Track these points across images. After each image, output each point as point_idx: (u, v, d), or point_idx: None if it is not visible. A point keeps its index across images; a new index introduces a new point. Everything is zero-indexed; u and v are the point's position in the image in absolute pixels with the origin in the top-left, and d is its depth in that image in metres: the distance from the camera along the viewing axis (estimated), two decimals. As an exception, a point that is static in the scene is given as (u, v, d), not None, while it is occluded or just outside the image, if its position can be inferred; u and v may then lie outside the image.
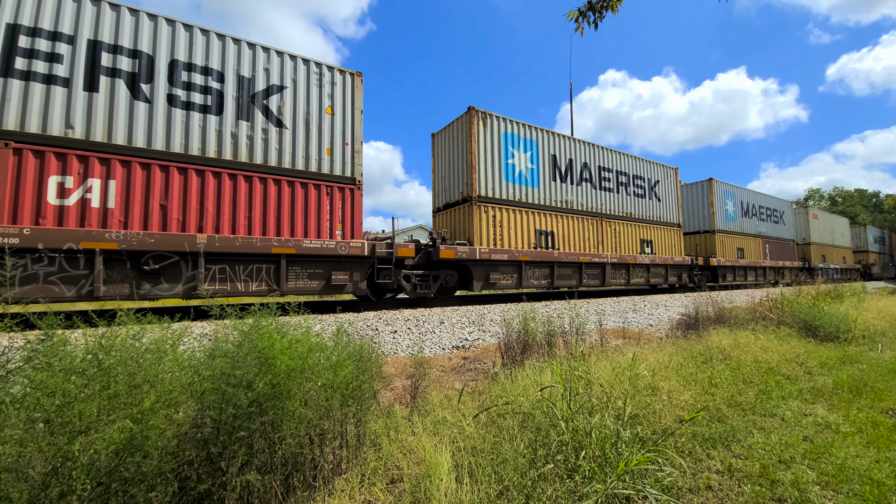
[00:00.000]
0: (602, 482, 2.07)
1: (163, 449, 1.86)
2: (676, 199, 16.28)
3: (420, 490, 2.13)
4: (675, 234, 15.78)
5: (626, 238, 13.72)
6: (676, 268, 15.23)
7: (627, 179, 14.26)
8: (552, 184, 11.90)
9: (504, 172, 10.79)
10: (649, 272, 13.98)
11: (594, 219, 12.85)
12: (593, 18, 3.89)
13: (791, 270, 22.31)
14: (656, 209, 15.18)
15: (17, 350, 1.87)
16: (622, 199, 13.94)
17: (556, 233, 11.72)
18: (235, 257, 6.86)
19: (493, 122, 10.74)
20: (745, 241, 19.31)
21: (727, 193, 18.91)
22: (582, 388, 2.90)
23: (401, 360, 5.10)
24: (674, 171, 16.50)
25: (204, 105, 6.86)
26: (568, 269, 11.75)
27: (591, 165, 13.08)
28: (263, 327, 2.33)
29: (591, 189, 12.96)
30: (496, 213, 10.48)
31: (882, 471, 2.55)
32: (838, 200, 64.93)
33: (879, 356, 5.59)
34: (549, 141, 12.11)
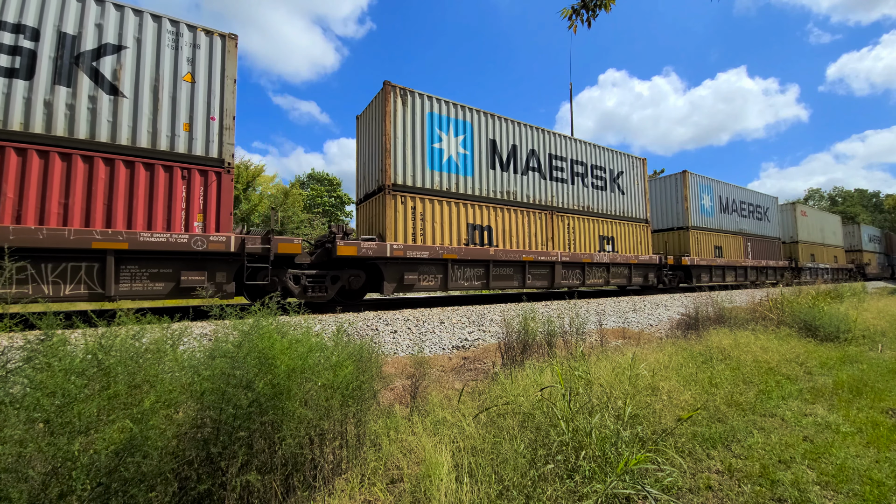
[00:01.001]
0: (602, 482, 2.07)
1: (163, 449, 1.86)
2: (643, 193, 14.72)
3: (420, 490, 2.13)
4: (641, 230, 14.31)
5: (583, 234, 12.34)
6: (642, 267, 13.78)
7: (584, 169, 12.73)
8: (490, 172, 10.43)
9: (429, 158, 9.34)
10: (609, 272, 12.56)
11: (543, 212, 11.38)
12: (587, 16, 3.90)
13: (776, 270, 21.03)
14: (619, 203, 13.67)
15: (17, 350, 1.87)
16: (578, 191, 12.43)
17: (495, 228, 10.29)
18: (41, 253, 5.57)
19: (414, 101, 9.27)
20: (724, 238, 18.02)
21: (703, 187, 17.58)
22: (582, 388, 2.90)
23: (401, 360, 5.10)
24: (641, 161, 14.98)
25: (10, 68, 5.63)
26: (508, 268, 10.27)
27: (539, 153, 11.57)
28: (263, 327, 2.33)
29: (539, 179, 11.44)
30: (417, 204, 9.04)
31: (882, 471, 2.55)
32: (838, 200, 64.96)
33: (879, 356, 5.59)
34: (487, 124, 10.60)
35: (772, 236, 21.56)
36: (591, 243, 12.59)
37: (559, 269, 11.28)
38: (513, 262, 10.41)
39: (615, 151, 14.03)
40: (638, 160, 14.93)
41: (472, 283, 9.71)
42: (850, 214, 53.17)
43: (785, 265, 21.38)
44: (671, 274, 15.23)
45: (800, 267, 22.63)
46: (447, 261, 9.25)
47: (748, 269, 18.92)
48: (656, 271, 14.42)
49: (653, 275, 14.20)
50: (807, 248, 24.28)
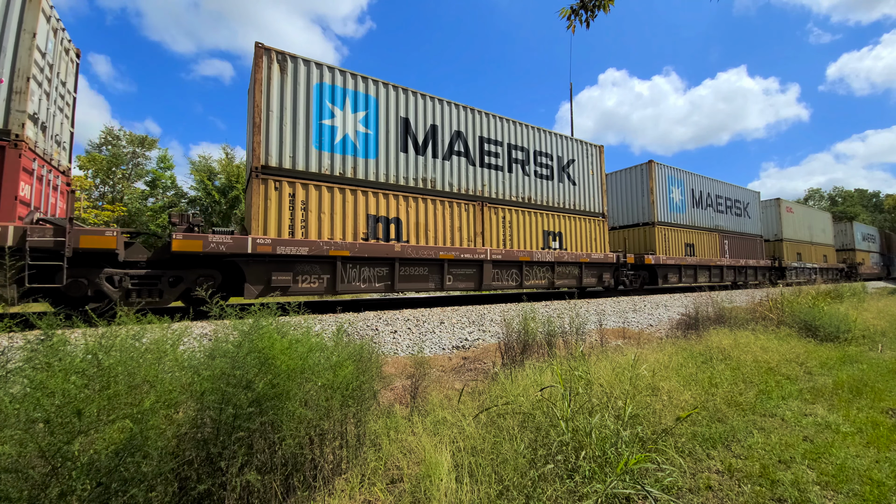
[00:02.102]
0: (602, 482, 2.07)
1: (163, 449, 1.86)
2: (599, 184, 13.12)
3: (420, 490, 2.13)
4: (596, 225, 12.78)
5: (523, 229, 10.85)
6: (596, 267, 12.35)
7: (526, 156, 11.17)
8: (401, 156, 8.92)
9: (315, 137, 7.87)
10: (554, 272, 11.15)
11: (471, 204, 9.90)
12: (585, 17, 3.89)
13: (757, 270, 19.49)
14: (569, 194, 12.11)
15: (17, 350, 1.87)
16: (517, 180, 10.89)
17: (406, 220, 8.82)
18: None
19: (297, 69, 7.82)
20: (697, 235, 16.52)
21: (672, 179, 15.86)
22: (582, 388, 2.90)
23: (401, 360, 5.10)
24: (597, 149, 13.31)
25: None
26: (420, 267, 8.85)
27: (468, 135, 10.09)
28: (263, 327, 2.33)
29: (466, 165, 9.98)
30: (297, 190, 7.59)
31: (882, 471, 2.55)
32: (838, 200, 64.96)
33: (879, 356, 5.59)
34: (398, 99, 9.05)
35: (753, 234, 20.09)
36: (534, 239, 11.06)
37: (489, 269, 9.83)
38: (427, 261, 8.93)
39: (565, 137, 12.42)
40: (593, 147, 13.28)
41: (371, 284, 8.25)
42: (850, 214, 53.15)
43: (767, 264, 20.03)
44: (633, 274, 13.79)
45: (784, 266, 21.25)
46: (335, 258, 7.72)
47: (724, 269, 17.47)
48: (613, 271, 12.94)
49: (609, 275, 12.73)
50: (792, 246, 22.90)
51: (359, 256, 8.04)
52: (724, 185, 18.88)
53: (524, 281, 10.56)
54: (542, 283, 11.06)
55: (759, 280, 19.52)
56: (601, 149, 13.52)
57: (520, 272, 10.53)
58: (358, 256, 8.02)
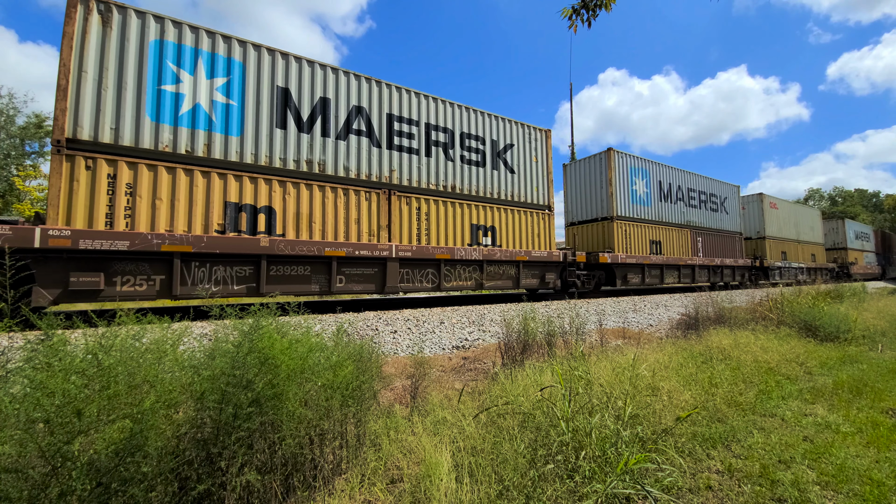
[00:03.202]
0: (602, 482, 2.07)
1: (162, 449, 1.86)
2: (545, 173, 11.63)
3: (420, 490, 2.13)
4: (540, 219, 11.36)
5: (444, 223, 9.45)
6: (537, 266, 10.96)
7: (449, 138, 9.78)
8: (278, 133, 7.53)
9: (152, 106, 6.48)
10: (483, 272, 9.79)
11: (374, 192, 8.51)
12: (587, 16, 3.89)
13: (736, 270, 18.11)
14: (506, 184, 10.70)
15: (17, 350, 1.87)
16: (437, 165, 9.52)
17: (283, 209, 7.43)
18: None
19: (129, 22, 6.42)
20: (665, 232, 15.09)
21: (636, 170, 14.51)
22: (582, 388, 2.90)
23: (401, 360, 5.10)
24: (541, 133, 11.76)
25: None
26: (299, 265, 7.43)
27: (371, 111, 8.69)
28: (263, 327, 2.33)
29: (369, 147, 8.58)
30: (121, 171, 6.17)
31: (882, 471, 2.55)
32: (838, 200, 64.99)
33: (879, 356, 5.59)
34: (274, 66, 7.62)
35: (731, 230, 18.70)
36: (458, 235, 9.69)
37: (394, 269, 8.37)
38: (308, 258, 7.50)
39: (501, 118, 10.94)
40: (537, 131, 11.67)
41: (228, 286, 6.81)
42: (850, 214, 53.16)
43: (747, 264, 18.60)
44: (586, 275, 12.37)
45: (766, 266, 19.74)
46: (172, 255, 6.30)
47: (697, 269, 16.03)
48: (559, 271, 11.49)
49: (554, 275, 11.26)
50: (777, 244, 21.42)
51: (207, 253, 6.54)
52: (698, 178, 17.51)
53: (443, 283, 9.09)
54: (468, 285, 9.64)
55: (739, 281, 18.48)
56: (548, 133, 11.93)
57: (437, 272, 9.09)
58: (206, 253, 6.53)
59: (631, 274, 13.52)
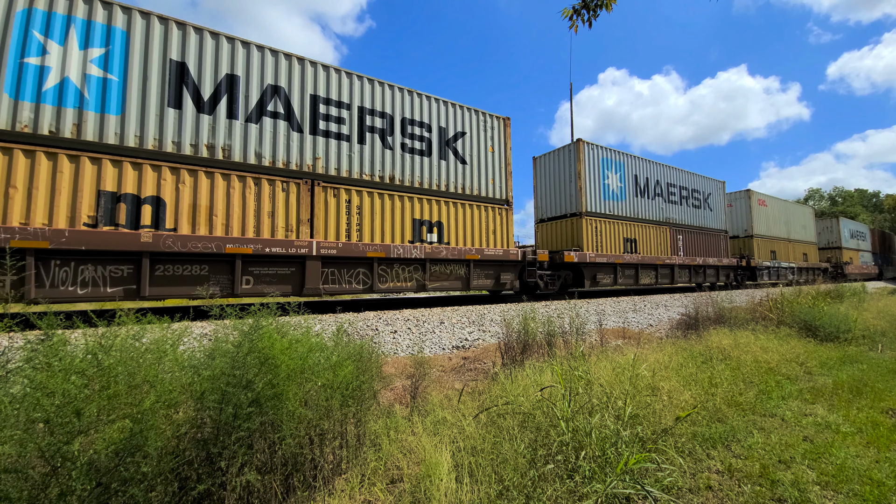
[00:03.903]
0: (602, 482, 2.07)
1: (162, 449, 1.86)
2: (502, 165, 10.70)
3: (420, 490, 2.13)
4: (496, 214, 10.45)
5: (381, 217, 8.55)
6: (491, 265, 10.04)
7: (388, 124, 8.87)
8: (170, 113, 6.59)
9: (11, 81, 5.67)
10: (426, 272, 8.86)
11: (295, 182, 7.61)
12: (587, 16, 3.89)
13: (720, 270, 17.16)
14: (456, 176, 9.80)
15: (17, 350, 1.87)
16: (373, 154, 8.58)
17: (175, 200, 6.51)
18: None
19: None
20: (642, 229, 14.20)
21: (608, 163, 13.59)
22: (582, 388, 2.90)
23: (401, 360, 5.10)
24: (499, 121, 10.80)
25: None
26: (194, 264, 6.54)
27: (291, 92, 7.75)
28: (263, 327, 2.33)
29: (288, 132, 7.63)
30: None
31: (882, 471, 2.55)
32: (838, 200, 65.03)
33: (879, 356, 5.59)
34: (167, 36, 6.67)
35: (715, 228, 17.73)
36: (398, 230, 8.77)
37: (314, 268, 7.45)
38: (205, 257, 6.60)
39: (450, 103, 9.91)
40: (493, 118, 10.72)
41: (100, 288, 5.92)
42: (850, 214, 53.16)
43: (732, 263, 17.69)
44: (549, 275, 11.47)
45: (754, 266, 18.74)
46: (25, 251, 5.41)
47: (676, 269, 15.01)
48: (517, 271, 10.59)
49: (510, 276, 10.39)
50: (765, 243, 20.38)
51: (71, 250, 5.66)
52: (679, 172, 16.49)
53: (377, 284, 8.25)
54: (408, 287, 8.74)
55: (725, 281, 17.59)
56: (506, 121, 10.91)
57: (370, 272, 8.20)
58: (69, 250, 5.65)
59: (601, 274, 12.63)
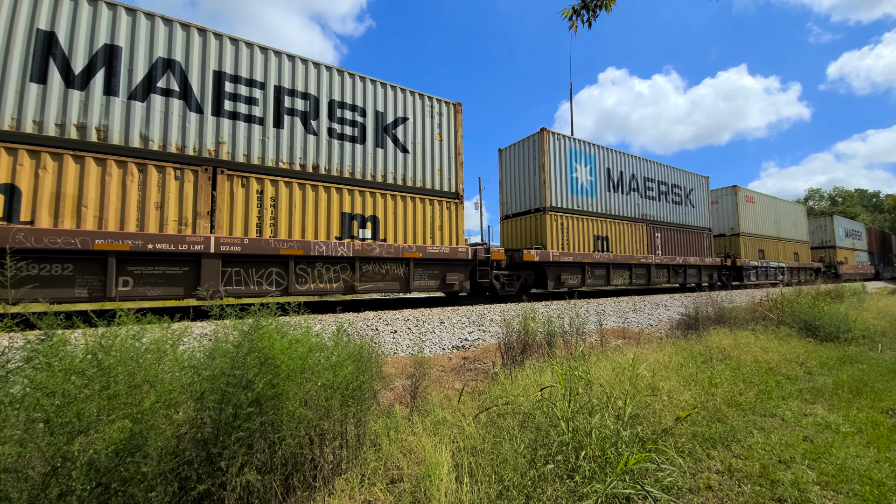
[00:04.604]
0: (602, 482, 2.07)
1: (162, 449, 1.86)
2: (453, 155, 9.68)
3: (420, 490, 2.13)
4: (444, 209, 9.44)
5: (302, 211, 7.53)
6: (436, 265, 8.98)
7: (312, 106, 7.84)
8: (30, 87, 5.66)
9: None
10: (356, 272, 7.80)
11: (190, 170, 6.57)
12: (587, 17, 3.89)
13: (702, 270, 16.19)
14: (396, 165, 8.79)
15: (17, 350, 1.87)
16: (292, 139, 7.57)
17: (34, 190, 5.56)
18: None
19: None
20: (615, 226, 13.30)
21: (577, 155, 12.60)
22: (582, 388, 2.90)
23: (401, 360, 5.10)
24: (450, 107, 9.82)
25: None
26: (57, 263, 5.61)
27: (189, 67, 6.75)
28: (263, 327, 2.33)
29: (184, 111, 6.62)
30: None
31: (882, 471, 2.55)
32: (838, 200, 65.05)
33: (879, 356, 5.59)
34: (34, 4, 5.78)
35: (697, 226, 16.76)
36: (322, 225, 7.76)
37: (212, 268, 6.44)
38: (65, 254, 5.62)
39: (388, 85, 8.87)
40: (442, 104, 9.67)
41: None
42: (850, 214, 53.16)
43: (716, 263, 16.76)
44: (507, 275, 10.53)
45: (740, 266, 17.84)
46: None
47: (653, 269, 14.03)
48: (468, 271, 9.50)
49: (459, 276, 9.26)
50: (753, 242, 19.43)
51: None
52: (658, 167, 15.49)
53: (294, 285, 7.21)
54: (334, 288, 7.66)
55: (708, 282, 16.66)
56: (457, 107, 9.90)
57: (285, 272, 7.17)
58: None
59: (567, 274, 11.68)
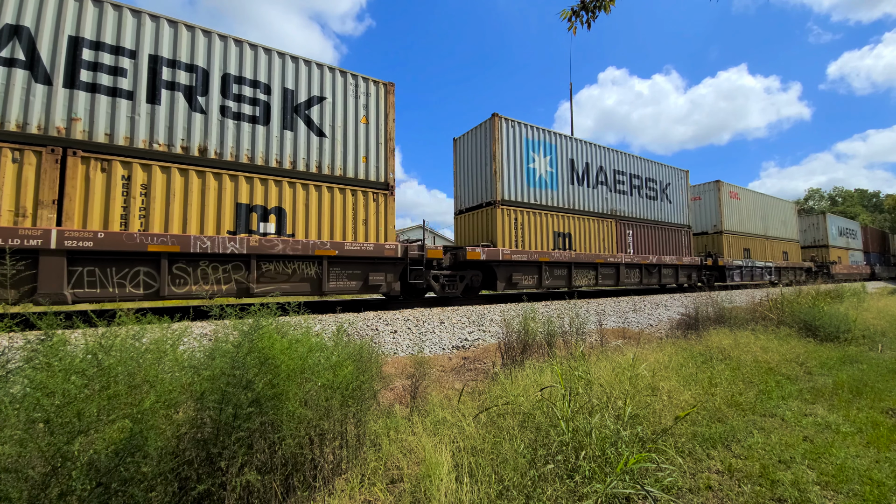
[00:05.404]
0: (602, 482, 2.07)
1: (162, 449, 1.86)
2: (382, 141, 8.65)
3: (420, 490, 2.13)
4: (370, 201, 8.33)
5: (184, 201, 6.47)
6: (358, 264, 7.94)
7: (198, 81, 6.77)
8: None
9: None
10: (252, 272, 6.80)
11: (30, 151, 5.58)
12: (586, 18, 3.89)
13: (680, 270, 15.10)
14: (308, 151, 7.70)
15: (17, 350, 1.87)
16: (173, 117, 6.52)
17: None
18: None
19: None
20: (579, 222, 12.20)
21: (534, 144, 11.44)
22: (582, 388, 2.90)
23: (401, 360, 5.10)
24: (379, 86, 8.71)
25: None
26: None
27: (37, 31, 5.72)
28: (263, 327, 2.33)
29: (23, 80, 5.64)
30: None
31: (882, 471, 2.55)
32: (838, 200, 65.05)
33: (879, 356, 5.59)
34: None
35: (675, 223, 15.58)
36: (211, 218, 6.66)
37: (54, 267, 5.42)
38: None
39: (300, 59, 7.76)
40: (369, 82, 8.61)
41: None
42: (850, 214, 53.16)
43: (695, 262, 15.65)
44: (448, 276, 9.53)
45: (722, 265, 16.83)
46: None
47: (623, 268, 12.96)
48: (397, 271, 8.43)
49: (385, 276, 8.24)
50: (738, 240, 18.32)
51: None
52: (630, 158, 14.31)
53: (169, 287, 6.14)
54: (223, 290, 6.60)
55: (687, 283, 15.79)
56: (388, 86, 8.79)
57: (157, 272, 6.07)
58: None
59: (520, 274, 10.61)
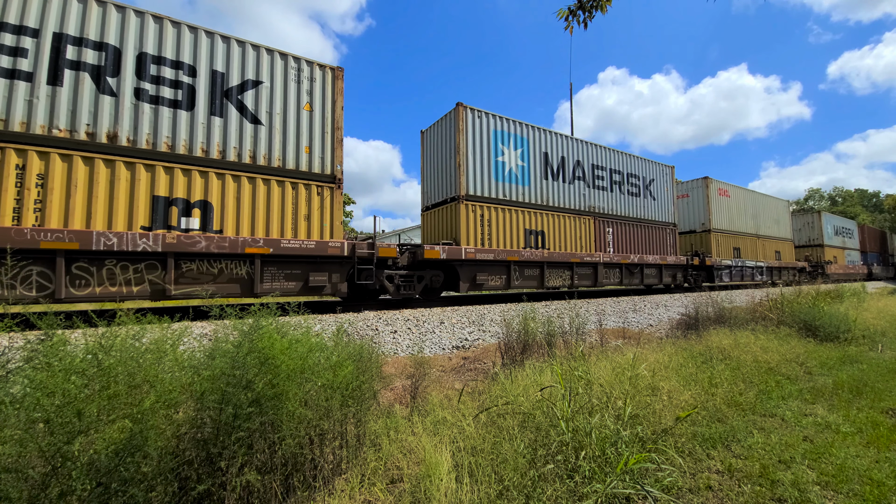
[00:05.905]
0: (602, 482, 2.07)
1: (162, 449, 1.87)
2: (328, 130, 7.94)
3: (420, 490, 2.13)
4: (314, 195, 7.67)
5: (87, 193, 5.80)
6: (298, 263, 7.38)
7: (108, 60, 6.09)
8: None
9: None
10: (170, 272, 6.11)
11: None
12: (583, 17, 3.90)
13: (664, 269, 14.39)
14: (241, 139, 7.04)
15: (17, 350, 1.87)
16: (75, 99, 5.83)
17: None
18: None
19: None
20: (553, 219, 11.52)
21: (504, 136, 10.72)
22: (582, 389, 2.90)
23: (401, 360, 5.10)
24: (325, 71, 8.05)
25: None
26: None
27: None
28: (263, 327, 2.33)
29: None
30: None
31: (882, 471, 2.55)
32: (838, 200, 65.06)
33: (879, 356, 5.58)
34: None
35: (659, 221, 14.86)
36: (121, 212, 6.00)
37: None
38: None
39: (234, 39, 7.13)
40: (314, 67, 7.89)
41: None
42: (850, 214, 53.15)
43: (681, 262, 14.91)
44: (405, 276, 8.92)
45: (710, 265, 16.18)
46: None
47: (601, 268, 12.27)
48: (344, 272, 7.86)
49: (330, 277, 7.66)
50: (727, 239, 17.69)
51: None
52: (610, 153, 13.56)
53: (68, 288, 5.58)
54: (134, 292, 5.95)
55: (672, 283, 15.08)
56: (335, 71, 8.08)
57: (51, 273, 5.49)
58: None
59: (486, 275, 9.92)
